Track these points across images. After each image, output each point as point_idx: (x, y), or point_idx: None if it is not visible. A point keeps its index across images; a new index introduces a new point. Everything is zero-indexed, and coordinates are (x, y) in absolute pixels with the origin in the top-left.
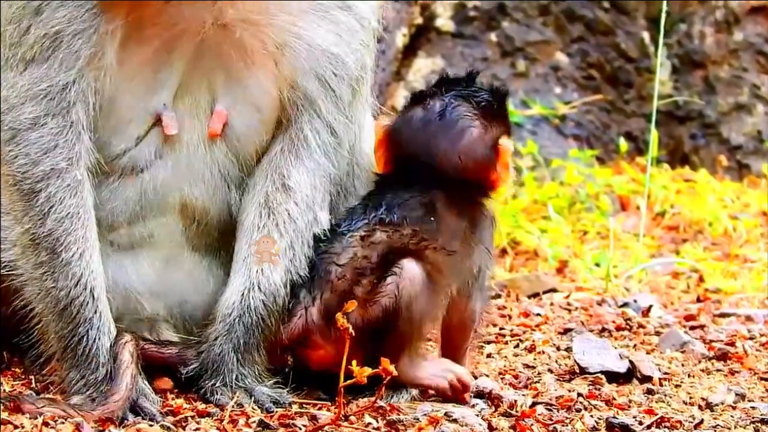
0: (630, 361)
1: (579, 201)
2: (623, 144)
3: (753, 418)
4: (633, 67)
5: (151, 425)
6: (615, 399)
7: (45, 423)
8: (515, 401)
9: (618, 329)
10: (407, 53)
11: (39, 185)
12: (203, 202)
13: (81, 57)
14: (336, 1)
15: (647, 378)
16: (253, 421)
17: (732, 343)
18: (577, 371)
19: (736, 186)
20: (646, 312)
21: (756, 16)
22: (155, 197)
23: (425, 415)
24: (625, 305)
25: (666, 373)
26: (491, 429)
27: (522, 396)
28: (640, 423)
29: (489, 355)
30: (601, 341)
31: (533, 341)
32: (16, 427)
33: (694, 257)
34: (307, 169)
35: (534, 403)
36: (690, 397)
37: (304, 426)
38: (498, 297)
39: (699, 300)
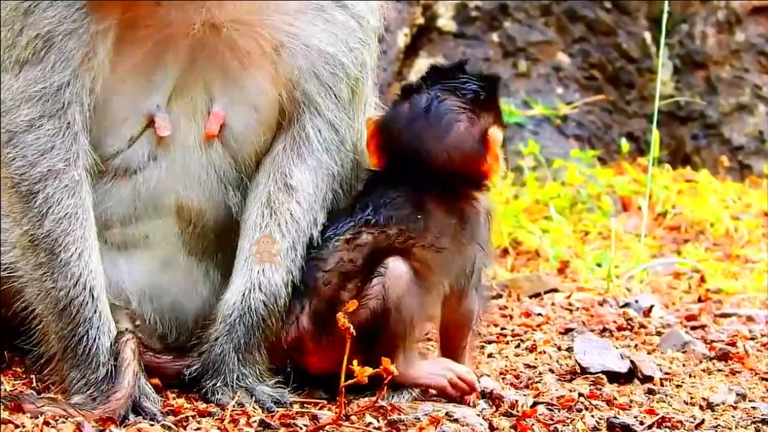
0: (631, 361)
1: (580, 201)
2: (625, 144)
3: (754, 418)
4: (635, 68)
5: (152, 425)
6: (616, 399)
7: (46, 422)
8: (516, 401)
9: (619, 329)
10: (409, 53)
11: (37, 186)
12: (199, 204)
13: (74, 57)
14: (332, 1)
15: (648, 378)
16: (254, 421)
17: (733, 344)
18: (578, 371)
19: (737, 186)
20: (647, 312)
21: (758, 16)
22: (149, 199)
23: (426, 415)
24: (627, 305)
25: (667, 373)
26: (492, 429)
27: (523, 396)
28: (641, 423)
29: (490, 355)
30: (603, 341)
31: (534, 341)
32: (17, 427)
33: (695, 257)
34: (310, 168)
35: (535, 403)
36: (691, 397)
37: (305, 426)
38: (499, 297)
39: (700, 300)
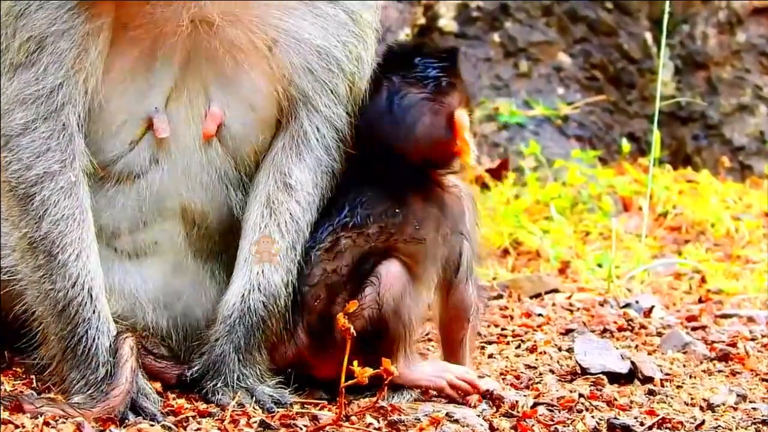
0: (631, 362)
1: (581, 201)
2: (626, 145)
3: (754, 419)
4: (636, 68)
5: (152, 425)
6: (616, 400)
7: (46, 423)
8: (517, 402)
9: (620, 330)
10: None
11: (33, 189)
12: (202, 205)
13: (66, 58)
14: None
15: (649, 379)
16: (255, 421)
17: (733, 344)
18: (579, 372)
19: (738, 187)
20: (647, 313)
21: (759, 17)
22: (154, 203)
23: (426, 416)
24: (627, 306)
25: (667, 374)
26: (492, 429)
27: (523, 396)
28: (641, 424)
29: (490, 356)
30: (603, 342)
31: (535, 342)
32: (17, 427)
33: (696, 258)
34: (309, 166)
35: (535, 404)
36: (691, 398)
37: (305, 426)
38: (500, 297)
39: (701, 301)
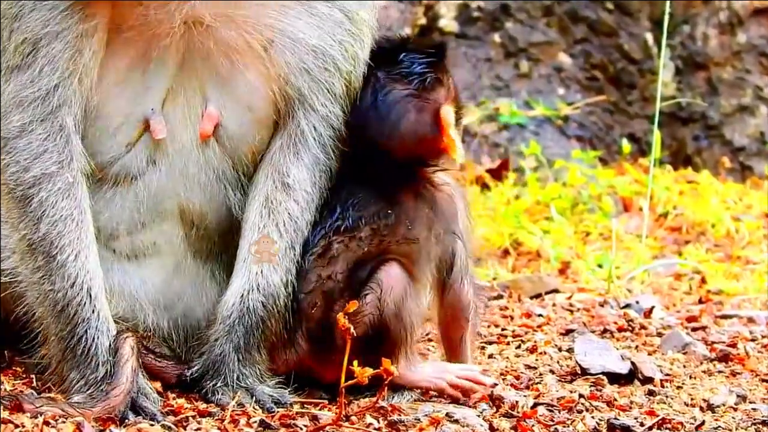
0: (631, 363)
1: (582, 202)
2: (626, 145)
3: (754, 419)
4: (636, 69)
5: (152, 425)
6: (616, 400)
7: (46, 422)
8: (517, 402)
9: (620, 330)
10: None
11: (31, 191)
12: (201, 206)
13: (61, 60)
14: None
15: (649, 379)
16: (254, 421)
17: (734, 345)
18: (579, 372)
19: (738, 187)
20: (648, 313)
21: (759, 18)
22: (152, 204)
23: (426, 416)
24: (627, 306)
25: (667, 375)
26: (493, 430)
27: (523, 397)
28: (641, 424)
29: (491, 356)
30: (603, 342)
31: (535, 342)
32: (17, 426)
33: (696, 259)
34: (306, 165)
35: (535, 404)
36: (691, 399)
37: (305, 426)
38: (500, 297)
39: (701, 301)
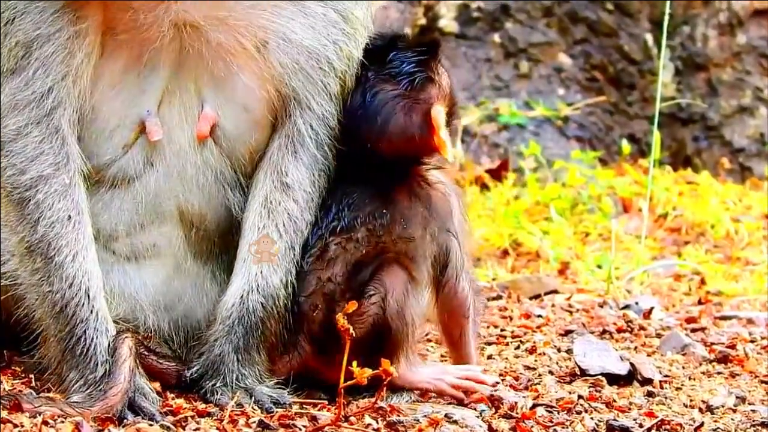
0: (631, 364)
1: (581, 202)
2: (626, 146)
3: (753, 421)
4: (636, 69)
5: (151, 425)
6: (615, 401)
7: (44, 422)
8: (516, 403)
9: (619, 331)
10: None
11: (28, 193)
12: (200, 207)
13: (53, 62)
14: None
15: (648, 380)
16: (253, 422)
17: (733, 346)
18: (578, 373)
19: (738, 188)
20: (647, 314)
21: (759, 18)
22: (151, 206)
23: (425, 417)
24: (627, 307)
25: (667, 376)
26: (491, 430)
27: (522, 398)
28: (640, 425)
29: (490, 357)
30: (602, 343)
31: (534, 343)
32: (15, 426)
33: (695, 259)
34: (305, 165)
35: (534, 405)
36: (690, 400)
37: (304, 426)
38: (499, 298)
39: (700, 302)
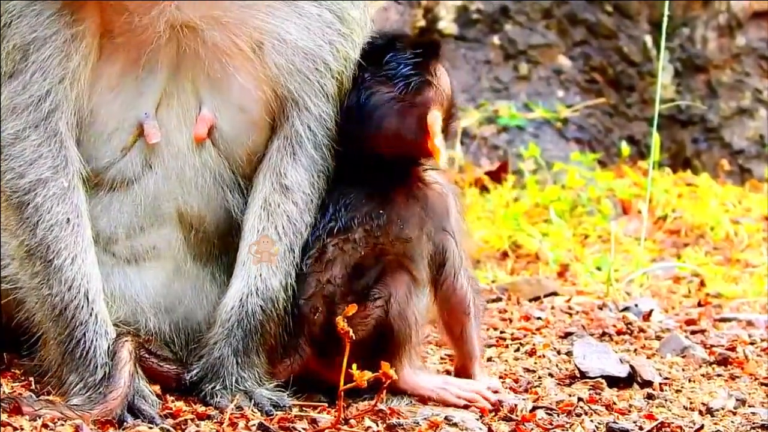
0: (630, 366)
1: (580, 204)
2: (625, 148)
3: (753, 423)
4: (635, 71)
5: (151, 428)
6: (615, 404)
7: (44, 425)
8: (515, 405)
9: (619, 333)
10: None
11: (26, 197)
12: (199, 209)
13: (51, 65)
14: None
15: (648, 383)
16: (253, 424)
17: (733, 348)
18: (578, 375)
19: (737, 190)
20: (647, 316)
21: (759, 20)
22: (150, 208)
23: (425, 419)
24: (626, 309)
25: (666, 378)
26: None
27: (522, 400)
28: (640, 428)
29: (489, 359)
30: (602, 345)
31: (534, 345)
32: (15, 429)
33: (695, 261)
34: (304, 166)
35: (534, 408)
36: (690, 402)
37: (303, 429)
38: (499, 300)
39: (700, 304)
